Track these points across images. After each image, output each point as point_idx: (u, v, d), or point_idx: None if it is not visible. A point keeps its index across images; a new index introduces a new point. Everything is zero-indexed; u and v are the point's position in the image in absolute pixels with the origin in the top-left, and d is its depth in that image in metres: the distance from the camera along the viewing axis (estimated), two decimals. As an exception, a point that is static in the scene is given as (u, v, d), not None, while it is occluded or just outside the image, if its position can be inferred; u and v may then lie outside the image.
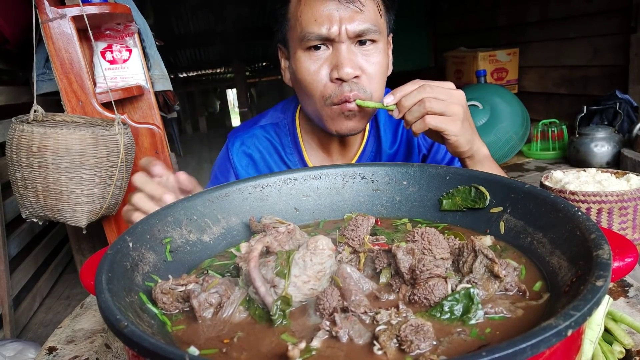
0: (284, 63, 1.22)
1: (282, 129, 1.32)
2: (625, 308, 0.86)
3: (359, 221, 0.76)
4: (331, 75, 1.09)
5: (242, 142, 1.32)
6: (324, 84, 1.09)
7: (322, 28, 1.05)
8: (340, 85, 1.08)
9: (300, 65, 1.11)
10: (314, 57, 1.09)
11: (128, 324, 0.49)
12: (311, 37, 1.06)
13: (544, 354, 0.44)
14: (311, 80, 1.10)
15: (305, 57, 1.10)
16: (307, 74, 1.10)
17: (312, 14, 1.06)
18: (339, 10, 1.05)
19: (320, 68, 1.09)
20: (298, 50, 1.10)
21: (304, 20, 1.07)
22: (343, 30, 1.05)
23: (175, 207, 0.82)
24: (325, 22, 1.05)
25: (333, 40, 1.07)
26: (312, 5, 1.06)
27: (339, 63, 1.06)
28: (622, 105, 3.39)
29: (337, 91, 1.08)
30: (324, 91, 1.10)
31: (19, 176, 1.67)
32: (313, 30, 1.05)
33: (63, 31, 1.89)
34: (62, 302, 3.07)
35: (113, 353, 0.90)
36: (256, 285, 0.61)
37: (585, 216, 0.64)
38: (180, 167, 5.25)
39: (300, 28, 1.08)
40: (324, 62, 1.09)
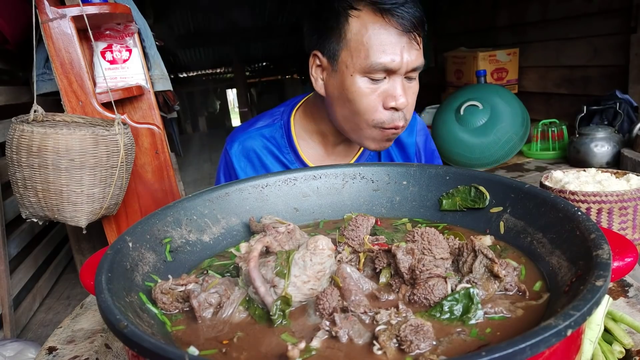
0: (317, 72, 1.22)
1: (278, 130, 1.35)
2: (625, 308, 0.86)
3: (359, 221, 0.76)
4: (386, 104, 1.14)
5: (239, 143, 1.35)
6: (378, 110, 1.15)
7: (389, 60, 1.09)
8: (393, 113, 1.15)
9: (356, 88, 1.14)
10: (372, 85, 1.13)
11: (128, 324, 0.49)
12: (378, 67, 1.10)
13: (543, 354, 0.44)
14: (366, 104, 1.14)
15: (364, 83, 1.13)
16: (362, 98, 1.14)
17: (381, 44, 1.09)
18: (404, 46, 1.10)
19: (377, 96, 1.14)
20: (356, 74, 1.13)
21: (372, 48, 1.09)
22: (405, 65, 1.11)
23: (175, 207, 0.82)
24: (391, 55, 1.09)
25: (393, 72, 1.12)
26: (381, 35, 1.09)
27: (397, 94, 1.13)
28: (622, 105, 3.39)
29: (390, 118, 1.15)
30: (376, 117, 1.15)
31: (19, 176, 1.67)
32: (381, 61, 1.09)
33: (63, 31, 1.89)
34: (62, 302, 3.07)
35: (113, 353, 0.90)
36: (256, 285, 0.61)
37: (585, 216, 0.64)
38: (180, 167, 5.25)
39: (366, 55, 1.10)
40: (380, 89, 1.14)
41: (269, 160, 1.33)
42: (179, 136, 7.96)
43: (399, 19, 1.08)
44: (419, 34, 1.12)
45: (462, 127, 3.80)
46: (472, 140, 3.77)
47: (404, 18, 1.08)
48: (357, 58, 1.11)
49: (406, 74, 1.14)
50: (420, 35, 1.13)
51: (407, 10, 1.09)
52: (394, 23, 1.09)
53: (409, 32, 1.10)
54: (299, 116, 1.36)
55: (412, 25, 1.09)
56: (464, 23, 5.63)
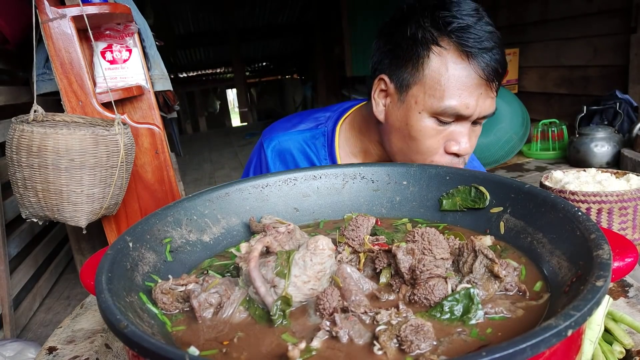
0: (380, 96, 1.15)
1: (319, 138, 1.28)
2: (625, 308, 0.86)
3: (359, 221, 0.76)
4: (448, 148, 1.09)
5: (278, 142, 1.29)
6: (438, 153, 1.10)
7: (463, 106, 1.03)
8: (454, 158, 1.10)
9: (421, 127, 1.07)
10: (439, 127, 1.08)
11: (128, 324, 0.49)
12: (450, 111, 1.04)
13: (544, 354, 0.44)
14: (428, 145, 1.09)
15: (431, 123, 1.07)
16: (426, 138, 1.08)
17: (459, 88, 1.02)
18: (481, 93, 1.04)
19: (440, 138, 1.09)
20: (425, 112, 1.06)
21: (448, 90, 1.03)
22: (477, 113, 1.06)
23: (176, 207, 0.82)
24: (468, 103, 1.03)
25: (464, 118, 1.06)
26: (461, 79, 1.02)
27: (461, 140, 1.08)
28: (622, 105, 3.39)
29: (450, 163, 1.10)
30: (435, 159, 1.10)
31: (19, 176, 1.67)
32: (453, 104, 1.03)
33: (63, 31, 1.89)
34: (62, 302, 3.07)
35: (113, 353, 0.90)
36: (256, 286, 0.61)
37: (585, 216, 0.64)
38: (180, 167, 5.25)
39: (441, 96, 1.03)
40: (446, 133, 1.08)
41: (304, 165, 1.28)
42: (179, 136, 7.95)
43: (483, 65, 1.02)
44: (498, 82, 1.06)
45: (462, 127, 3.80)
46: (472, 140, 3.77)
47: (489, 65, 1.02)
48: (430, 97, 1.05)
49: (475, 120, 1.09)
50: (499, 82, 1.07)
51: (493, 57, 1.03)
52: (478, 69, 1.02)
53: (489, 81, 1.03)
54: (345, 127, 1.28)
55: (495, 73, 1.03)
56: (464, 23, 5.62)
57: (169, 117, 3.29)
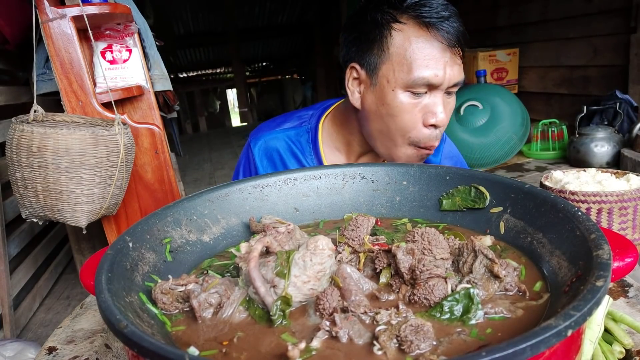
0: (354, 84, 1.19)
1: (303, 135, 1.33)
2: (625, 308, 0.86)
3: (359, 221, 0.76)
4: (426, 121, 1.12)
5: (264, 142, 1.33)
6: (417, 127, 1.12)
7: (432, 75, 1.07)
8: (432, 130, 1.13)
9: (397, 103, 1.11)
10: (414, 100, 1.10)
11: (128, 324, 0.49)
12: (421, 82, 1.07)
13: (543, 354, 0.44)
14: (407, 120, 1.11)
15: (405, 98, 1.10)
16: (404, 114, 1.11)
17: (425, 58, 1.06)
18: (448, 60, 1.08)
19: (417, 111, 1.11)
20: (398, 88, 1.10)
21: (415, 62, 1.07)
22: (447, 80, 1.09)
23: (175, 207, 0.82)
24: (435, 69, 1.06)
25: (434, 87, 1.09)
26: (424, 49, 1.06)
27: (437, 111, 1.10)
28: (622, 105, 3.39)
29: (428, 137, 1.13)
30: (413, 134, 1.13)
31: (19, 176, 1.67)
32: (424, 75, 1.06)
33: (63, 31, 1.89)
34: (62, 302, 3.07)
35: (113, 353, 0.90)
36: (256, 286, 0.61)
37: (585, 216, 0.64)
38: (180, 167, 5.25)
39: (409, 69, 1.07)
40: (420, 105, 1.11)
41: (291, 162, 1.32)
42: (179, 136, 7.95)
43: (443, 33, 1.06)
44: (461, 49, 1.10)
45: (462, 127, 3.80)
46: (472, 140, 3.77)
47: (449, 32, 1.07)
48: (399, 72, 1.09)
49: (447, 89, 1.12)
50: (463, 50, 1.11)
51: (451, 25, 1.08)
52: (439, 37, 1.07)
53: (452, 47, 1.08)
54: (327, 123, 1.33)
55: (457, 39, 1.08)
56: (464, 23, 5.62)
57: (169, 117, 3.29)
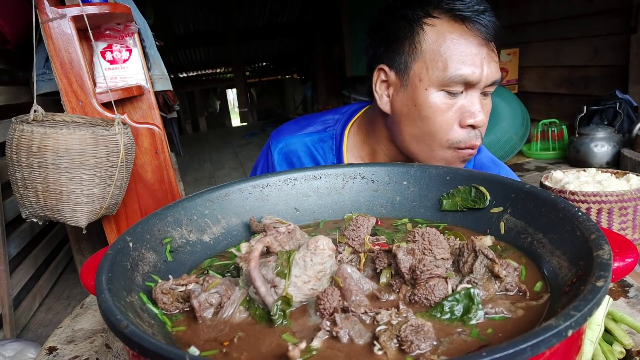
0: (382, 87, 1.13)
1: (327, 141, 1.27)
2: (626, 308, 0.86)
3: (359, 221, 0.76)
4: (463, 121, 1.06)
5: (285, 144, 1.28)
6: (454, 128, 1.07)
7: (470, 71, 1.01)
8: (469, 131, 1.07)
9: (431, 103, 1.05)
10: (449, 100, 1.05)
11: (128, 324, 0.49)
12: (457, 79, 1.02)
13: (544, 355, 0.44)
14: (441, 121, 1.05)
15: (440, 97, 1.04)
16: (438, 115, 1.05)
17: (461, 54, 1.01)
18: (486, 57, 1.03)
19: (453, 112, 1.06)
20: (432, 87, 1.04)
21: (450, 59, 1.01)
22: (485, 77, 1.03)
23: (176, 207, 0.82)
24: (472, 66, 1.01)
25: (472, 85, 1.04)
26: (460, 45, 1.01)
27: (475, 110, 1.05)
28: (622, 105, 3.39)
29: (467, 137, 1.07)
30: (451, 135, 1.07)
31: (18, 176, 1.67)
32: (461, 72, 1.01)
33: (63, 31, 1.89)
34: (62, 302, 3.07)
35: (113, 353, 0.90)
36: (256, 286, 0.61)
37: (585, 216, 0.64)
38: (180, 167, 5.25)
39: (444, 66, 1.02)
40: (456, 106, 1.06)
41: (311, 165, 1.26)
42: (179, 136, 7.95)
43: (480, 27, 1.01)
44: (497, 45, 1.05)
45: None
46: (472, 140, 3.77)
47: (486, 26, 1.01)
48: (433, 70, 1.02)
49: (483, 89, 1.06)
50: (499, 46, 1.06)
51: (487, 19, 1.02)
52: (475, 31, 1.01)
53: (489, 42, 1.02)
54: (353, 131, 1.26)
55: (494, 33, 1.02)
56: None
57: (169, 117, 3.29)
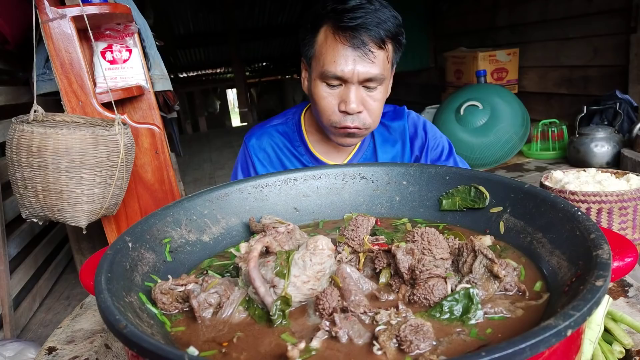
0: (304, 74, 1.41)
1: (291, 126, 1.54)
2: (625, 308, 0.86)
3: (359, 221, 0.76)
4: (339, 107, 1.30)
5: (257, 138, 1.52)
6: (333, 111, 1.31)
7: (338, 70, 1.24)
8: (344, 116, 1.30)
9: (317, 91, 1.32)
10: (329, 90, 1.30)
11: (127, 324, 0.49)
12: (329, 75, 1.26)
13: (543, 354, 0.44)
14: (323, 105, 1.32)
15: (322, 87, 1.30)
16: (321, 100, 1.31)
17: (334, 55, 1.25)
18: (355, 59, 1.24)
19: (332, 99, 1.30)
20: (317, 79, 1.31)
21: (326, 58, 1.26)
22: (355, 75, 1.25)
23: (175, 207, 0.82)
24: (342, 66, 1.24)
25: (345, 80, 1.27)
26: (335, 49, 1.25)
27: (348, 100, 1.27)
28: (622, 105, 3.39)
29: (342, 120, 1.31)
30: (331, 116, 1.32)
31: (18, 176, 1.67)
32: (331, 70, 1.25)
33: (63, 31, 1.89)
34: (62, 302, 3.07)
35: (113, 353, 0.90)
36: (256, 285, 0.61)
37: (585, 216, 0.64)
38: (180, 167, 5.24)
39: (322, 64, 1.27)
40: (336, 94, 1.30)
41: (284, 153, 1.51)
42: (179, 136, 7.94)
43: (350, 38, 1.22)
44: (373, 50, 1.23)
45: (462, 127, 3.79)
46: (472, 140, 3.77)
47: (355, 38, 1.22)
48: (318, 65, 1.29)
49: (363, 84, 1.27)
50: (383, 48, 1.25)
51: (362, 31, 1.22)
52: (346, 40, 1.23)
53: (361, 47, 1.22)
54: (308, 115, 1.53)
55: (362, 43, 1.22)
56: (464, 23, 5.63)
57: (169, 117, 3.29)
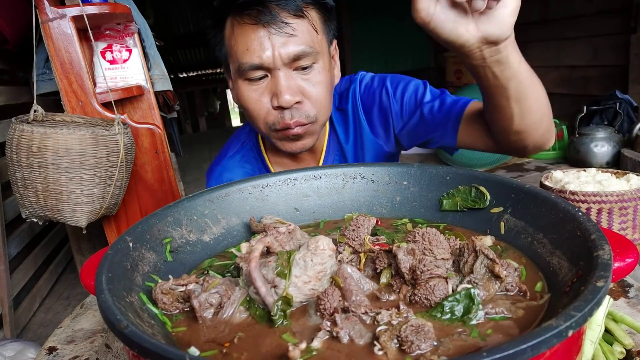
0: (230, 84, 1.20)
1: (248, 152, 1.32)
2: (626, 308, 0.86)
3: (359, 221, 0.76)
4: (272, 104, 1.08)
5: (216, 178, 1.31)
6: (267, 111, 1.09)
7: (254, 57, 1.03)
8: (282, 112, 1.08)
9: (241, 93, 1.10)
10: (253, 86, 1.08)
11: (128, 324, 0.49)
12: (245, 67, 1.05)
13: (544, 355, 0.44)
14: (253, 108, 1.10)
15: (245, 87, 1.09)
16: (248, 102, 1.10)
17: (244, 43, 1.04)
18: (270, 38, 1.03)
19: (262, 96, 1.09)
20: (238, 80, 1.10)
21: (237, 50, 1.06)
22: (277, 57, 1.03)
23: (176, 207, 0.82)
24: (257, 51, 1.03)
25: (269, 68, 1.05)
26: (244, 34, 1.04)
27: (278, 91, 1.05)
28: (622, 105, 3.39)
29: (279, 118, 1.09)
30: (266, 118, 1.10)
31: (19, 176, 1.67)
32: (246, 60, 1.04)
33: (63, 31, 1.89)
34: (62, 302, 3.07)
35: (113, 353, 0.90)
36: (257, 286, 0.61)
37: (585, 216, 0.64)
38: (180, 167, 5.24)
39: (235, 58, 1.07)
40: (264, 90, 1.08)
41: None
42: (179, 136, 7.94)
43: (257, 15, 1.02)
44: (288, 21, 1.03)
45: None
46: (472, 140, 3.77)
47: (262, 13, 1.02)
48: (233, 64, 1.09)
49: (293, 65, 1.06)
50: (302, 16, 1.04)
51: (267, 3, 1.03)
52: (250, 19, 1.03)
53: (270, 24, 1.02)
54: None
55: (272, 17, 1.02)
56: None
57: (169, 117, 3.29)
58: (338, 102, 1.31)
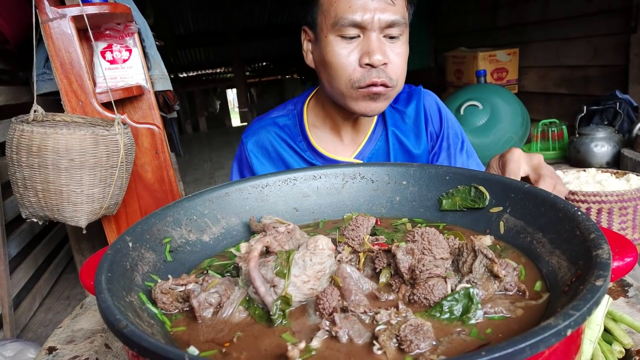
0: (307, 45, 1.28)
1: (292, 118, 1.40)
2: (625, 308, 0.86)
3: (359, 221, 0.76)
4: (361, 61, 1.15)
5: (254, 133, 1.39)
6: (354, 68, 1.15)
7: (356, 15, 1.11)
8: (368, 70, 1.15)
9: (331, 48, 1.16)
10: (345, 43, 1.15)
11: (127, 323, 0.49)
12: (345, 22, 1.12)
13: (543, 354, 0.44)
14: (341, 63, 1.16)
15: (337, 42, 1.15)
16: (337, 58, 1.16)
17: (348, 1, 1.11)
18: (373, 1, 1.11)
19: (351, 53, 1.15)
20: (330, 35, 1.16)
21: (339, 6, 1.12)
22: (376, 19, 1.11)
23: (175, 207, 0.82)
24: (359, 10, 1.11)
25: (365, 28, 1.13)
26: None
27: (370, 50, 1.12)
28: (622, 105, 3.39)
29: (366, 76, 1.15)
30: (352, 75, 1.16)
31: (19, 176, 1.67)
32: (347, 16, 1.11)
33: (63, 31, 1.89)
34: (62, 302, 3.07)
35: (113, 353, 0.90)
36: (256, 285, 0.61)
37: (585, 216, 0.64)
38: (180, 167, 5.25)
39: (335, 13, 1.13)
40: (355, 48, 1.15)
41: (283, 148, 1.37)
42: (179, 136, 7.94)
43: None
44: None
45: (462, 127, 3.80)
46: (472, 140, 3.77)
47: None
48: (328, 19, 1.15)
49: (384, 32, 1.14)
50: None
51: None
52: None
53: None
54: (311, 105, 1.40)
55: None
56: (464, 23, 5.63)
57: (169, 117, 3.29)
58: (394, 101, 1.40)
